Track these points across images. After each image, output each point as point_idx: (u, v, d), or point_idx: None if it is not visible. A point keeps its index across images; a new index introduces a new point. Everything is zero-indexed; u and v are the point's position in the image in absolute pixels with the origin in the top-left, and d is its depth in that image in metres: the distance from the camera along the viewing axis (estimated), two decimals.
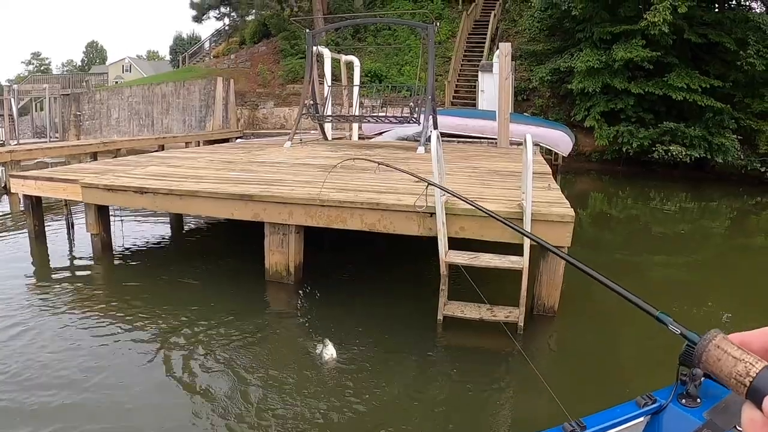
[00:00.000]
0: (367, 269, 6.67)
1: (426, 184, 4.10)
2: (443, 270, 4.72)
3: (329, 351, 4.25)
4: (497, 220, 2.57)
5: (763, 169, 16.15)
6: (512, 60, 13.30)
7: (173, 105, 22.20)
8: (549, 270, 4.97)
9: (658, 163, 16.91)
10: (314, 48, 11.02)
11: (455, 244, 4.98)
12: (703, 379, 2.06)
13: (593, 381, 4.26)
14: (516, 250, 4.90)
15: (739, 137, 16.29)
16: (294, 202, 5.30)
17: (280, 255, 5.55)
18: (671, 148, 16.19)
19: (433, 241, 4.88)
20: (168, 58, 55.96)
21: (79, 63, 76.40)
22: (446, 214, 4.83)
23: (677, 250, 9.15)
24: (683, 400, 2.11)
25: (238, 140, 16.84)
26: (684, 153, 16.07)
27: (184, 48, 44.47)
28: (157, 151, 14.71)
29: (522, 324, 4.69)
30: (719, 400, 1.99)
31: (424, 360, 4.46)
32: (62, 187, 6.70)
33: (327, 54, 12.20)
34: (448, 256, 4.73)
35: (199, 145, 15.90)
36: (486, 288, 5.24)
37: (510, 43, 12.34)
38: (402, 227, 5.08)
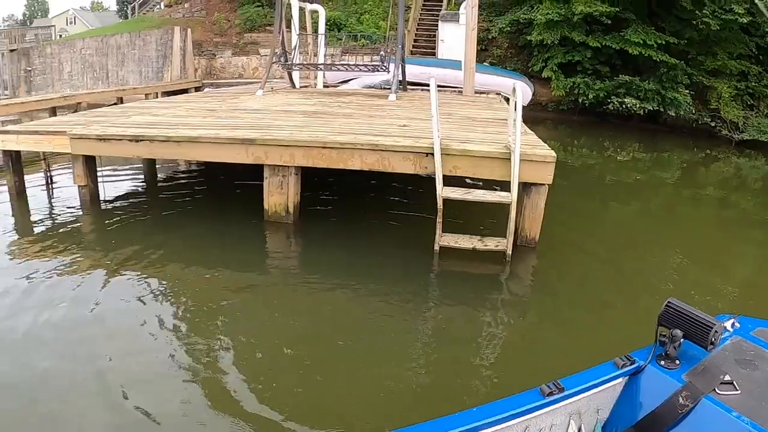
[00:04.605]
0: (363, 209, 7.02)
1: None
2: (439, 204, 5.11)
3: None
4: None
5: (713, 124, 16.80)
6: None
7: (128, 56, 21.51)
8: (531, 204, 5.42)
9: (612, 114, 17.59)
10: None
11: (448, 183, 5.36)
12: (682, 340, 2.07)
13: (570, 305, 4.76)
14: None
15: (691, 92, 16.93)
16: (296, 144, 5.55)
17: (280, 196, 5.83)
18: (626, 100, 16.83)
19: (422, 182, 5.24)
20: (114, 8, 53.41)
21: (21, 17, 72.25)
22: (441, 154, 5.20)
23: (630, 198, 9.77)
24: (662, 362, 2.10)
25: (207, 89, 16.59)
26: (638, 105, 16.73)
27: None
28: (116, 103, 14.39)
29: (510, 252, 5.17)
30: (698, 362, 2.07)
31: (422, 290, 4.85)
32: (47, 140, 6.53)
33: (294, 2, 12.19)
34: (443, 192, 5.12)
35: (157, 97, 15.58)
36: (474, 221, 5.71)
37: None
38: (400, 166, 5.43)
